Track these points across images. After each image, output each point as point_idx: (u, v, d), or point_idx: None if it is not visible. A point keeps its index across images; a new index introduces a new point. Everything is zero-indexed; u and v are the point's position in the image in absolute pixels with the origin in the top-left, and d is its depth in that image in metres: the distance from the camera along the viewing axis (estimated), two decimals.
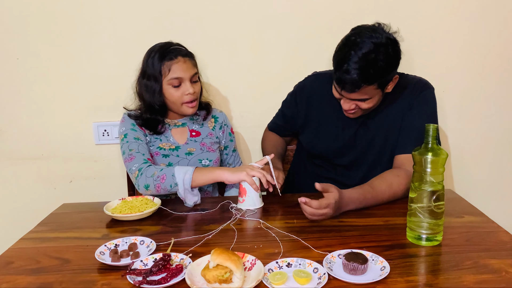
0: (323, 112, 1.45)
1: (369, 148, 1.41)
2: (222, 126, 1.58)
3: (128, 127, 1.44)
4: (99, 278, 0.90)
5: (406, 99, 1.36)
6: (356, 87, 1.20)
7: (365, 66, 1.17)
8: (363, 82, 1.19)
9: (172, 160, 1.46)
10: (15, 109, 1.75)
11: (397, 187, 1.26)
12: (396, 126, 1.37)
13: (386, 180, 1.27)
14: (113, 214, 1.20)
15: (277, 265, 0.92)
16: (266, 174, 1.24)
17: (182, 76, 1.39)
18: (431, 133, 0.98)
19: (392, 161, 1.38)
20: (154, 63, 1.39)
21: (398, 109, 1.36)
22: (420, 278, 0.88)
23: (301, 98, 1.50)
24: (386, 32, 1.22)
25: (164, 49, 1.40)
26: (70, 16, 1.67)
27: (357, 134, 1.41)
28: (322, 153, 1.48)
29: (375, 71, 1.17)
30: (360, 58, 1.17)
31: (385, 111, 1.38)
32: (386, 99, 1.37)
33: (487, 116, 1.82)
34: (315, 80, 1.51)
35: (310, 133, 1.49)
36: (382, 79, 1.21)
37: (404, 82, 1.38)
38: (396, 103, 1.37)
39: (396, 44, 1.23)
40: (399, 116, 1.36)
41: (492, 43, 1.74)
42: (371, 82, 1.20)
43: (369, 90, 1.22)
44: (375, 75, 1.18)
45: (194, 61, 1.46)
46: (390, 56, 1.19)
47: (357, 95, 1.24)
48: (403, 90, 1.37)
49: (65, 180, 1.84)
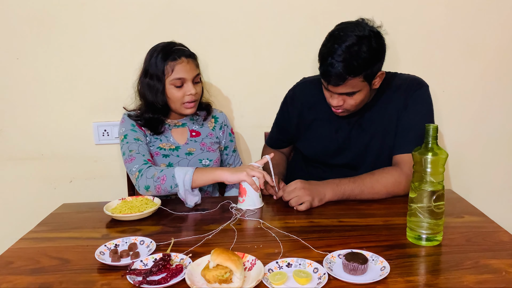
0: (315, 117, 1.46)
1: (366, 149, 1.41)
2: (222, 126, 1.58)
3: (128, 127, 1.44)
4: (99, 278, 0.90)
5: (400, 98, 1.36)
6: (341, 80, 1.21)
7: (349, 58, 1.18)
8: (348, 74, 1.20)
9: (172, 160, 1.46)
10: (15, 109, 1.75)
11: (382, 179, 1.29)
12: (392, 126, 1.37)
13: (371, 172, 1.31)
14: (113, 214, 1.20)
15: (277, 265, 0.92)
16: (266, 174, 1.24)
17: (185, 77, 1.39)
18: (431, 133, 0.98)
19: (391, 162, 1.38)
20: (157, 62, 1.39)
21: (393, 109, 1.36)
22: (420, 278, 0.88)
23: (292, 106, 1.51)
24: (370, 26, 1.24)
25: (167, 49, 1.40)
26: (70, 16, 1.67)
27: (351, 136, 1.42)
28: (318, 156, 1.48)
29: (359, 62, 1.19)
30: (344, 51, 1.19)
31: (379, 111, 1.38)
32: (380, 99, 1.38)
33: (486, 116, 1.82)
34: (304, 87, 1.52)
35: (304, 138, 1.50)
36: (367, 71, 1.22)
37: (398, 82, 1.38)
38: (391, 103, 1.37)
39: (379, 37, 1.24)
40: (394, 116, 1.36)
41: (492, 43, 1.74)
42: (356, 74, 1.20)
43: (355, 82, 1.23)
44: (359, 67, 1.19)
45: (197, 62, 1.46)
46: (373, 48, 1.21)
47: (344, 89, 1.24)
48: (396, 89, 1.37)
49: (65, 180, 1.84)
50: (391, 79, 1.40)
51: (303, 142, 1.51)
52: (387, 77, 1.40)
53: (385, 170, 1.32)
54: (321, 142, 1.46)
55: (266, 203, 1.31)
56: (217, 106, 1.68)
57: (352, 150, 1.42)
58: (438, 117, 1.79)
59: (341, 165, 1.46)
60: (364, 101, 1.31)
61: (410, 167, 1.05)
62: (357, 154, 1.42)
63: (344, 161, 1.44)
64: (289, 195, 1.26)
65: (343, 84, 1.22)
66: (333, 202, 1.29)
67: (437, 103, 1.80)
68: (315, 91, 1.44)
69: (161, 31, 1.67)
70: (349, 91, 1.25)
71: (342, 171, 1.44)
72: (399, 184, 1.29)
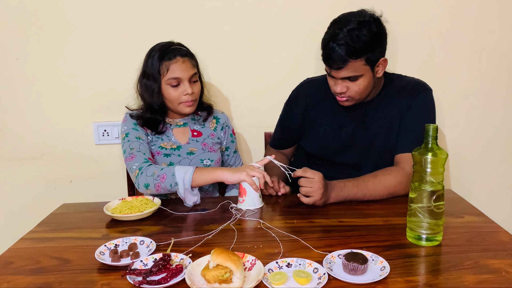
0: (318, 115, 1.47)
1: (370, 148, 1.41)
2: (223, 127, 1.58)
3: (130, 126, 1.44)
4: (99, 278, 0.90)
5: (404, 99, 1.37)
6: (343, 62, 1.23)
7: (350, 40, 1.21)
8: (349, 56, 1.22)
9: (173, 159, 1.46)
10: (15, 109, 1.75)
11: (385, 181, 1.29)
12: (395, 126, 1.38)
13: (374, 174, 1.31)
14: (113, 214, 1.20)
15: (277, 265, 0.92)
16: (266, 175, 1.25)
17: (180, 76, 1.39)
18: (431, 133, 0.98)
19: (393, 162, 1.38)
20: (153, 62, 1.40)
21: (397, 110, 1.38)
22: (420, 278, 0.88)
23: (296, 105, 1.52)
24: (370, 13, 1.28)
25: (164, 49, 1.40)
26: (70, 16, 1.67)
27: (355, 134, 1.42)
28: (321, 153, 1.48)
29: (360, 45, 1.22)
30: (345, 35, 1.22)
31: (383, 110, 1.39)
32: (384, 99, 1.39)
33: (486, 116, 1.82)
34: (307, 86, 1.54)
35: (308, 136, 1.51)
36: (368, 54, 1.24)
37: (402, 83, 1.40)
38: (395, 104, 1.38)
39: (380, 22, 1.28)
40: (397, 116, 1.37)
41: (491, 43, 1.74)
42: (357, 56, 1.23)
43: (357, 66, 1.25)
44: (360, 49, 1.22)
45: (194, 61, 1.46)
46: (374, 31, 1.24)
47: (346, 72, 1.26)
48: (401, 90, 1.38)
49: (65, 180, 1.84)
50: (396, 80, 1.41)
51: (306, 140, 1.51)
52: (392, 77, 1.41)
53: (387, 171, 1.32)
54: (324, 139, 1.46)
55: (266, 203, 1.31)
56: (217, 107, 1.67)
57: (356, 148, 1.43)
58: (439, 117, 1.79)
59: (344, 163, 1.46)
60: (367, 88, 1.32)
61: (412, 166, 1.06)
62: (360, 152, 1.43)
63: (347, 159, 1.45)
64: (306, 183, 1.24)
65: (345, 67, 1.24)
66: (333, 202, 1.29)
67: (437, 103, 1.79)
68: (319, 90, 1.47)
69: (161, 31, 1.67)
70: (351, 75, 1.26)
71: (345, 170, 1.45)
72: (401, 184, 1.30)
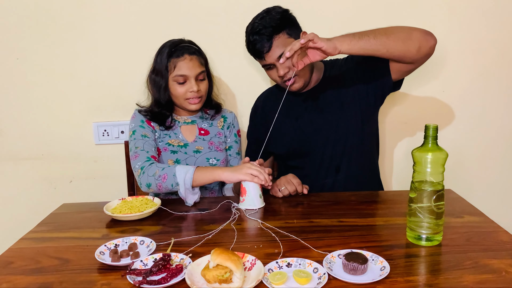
0: (277, 117, 1.45)
1: (333, 128, 1.44)
2: (229, 126, 1.59)
3: (137, 124, 1.45)
4: (99, 278, 0.90)
5: (343, 67, 1.46)
6: (268, 40, 1.34)
7: (264, 23, 1.34)
8: (271, 34, 1.33)
9: (180, 156, 1.47)
10: (15, 109, 1.75)
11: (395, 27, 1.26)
12: (350, 91, 1.43)
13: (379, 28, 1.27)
14: (113, 214, 1.20)
15: (277, 265, 0.92)
16: (264, 172, 1.25)
17: (187, 74, 1.40)
18: (431, 133, 0.98)
19: (368, 140, 1.48)
20: (162, 59, 1.42)
21: (345, 79, 1.44)
22: (420, 278, 0.88)
23: (257, 117, 1.62)
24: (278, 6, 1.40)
25: (173, 46, 1.42)
26: (70, 16, 1.67)
27: (313, 119, 1.47)
28: (290, 150, 1.51)
29: (275, 22, 1.34)
30: (258, 23, 1.35)
31: (332, 88, 1.46)
32: (328, 79, 1.47)
33: (486, 116, 1.82)
34: (261, 97, 1.64)
35: (274, 139, 1.50)
36: (286, 29, 1.35)
37: (329, 65, 1.50)
38: (340, 77, 1.45)
39: (286, 9, 1.39)
40: (349, 81, 1.43)
41: (492, 43, 1.74)
42: (278, 31, 1.34)
43: (282, 41, 1.34)
44: (277, 25, 1.33)
45: (203, 59, 1.46)
46: (281, 11, 1.37)
47: (277, 50, 1.34)
48: (330, 68, 1.49)
49: (65, 180, 1.84)
50: (335, 62, 1.51)
51: (274, 144, 1.52)
52: (332, 60, 1.51)
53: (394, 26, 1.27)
54: (287, 135, 1.51)
55: (266, 203, 1.31)
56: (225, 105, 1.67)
57: (319, 133, 1.46)
58: (438, 117, 1.80)
59: (316, 153, 1.48)
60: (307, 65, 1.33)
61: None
62: (325, 135, 1.46)
63: (317, 147, 1.47)
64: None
65: (273, 45, 1.34)
66: (333, 202, 1.29)
67: (437, 103, 1.80)
68: (270, 96, 1.60)
69: (161, 31, 1.66)
70: (283, 51, 1.29)
71: (323, 162, 1.47)
72: (416, 29, 1.24)
